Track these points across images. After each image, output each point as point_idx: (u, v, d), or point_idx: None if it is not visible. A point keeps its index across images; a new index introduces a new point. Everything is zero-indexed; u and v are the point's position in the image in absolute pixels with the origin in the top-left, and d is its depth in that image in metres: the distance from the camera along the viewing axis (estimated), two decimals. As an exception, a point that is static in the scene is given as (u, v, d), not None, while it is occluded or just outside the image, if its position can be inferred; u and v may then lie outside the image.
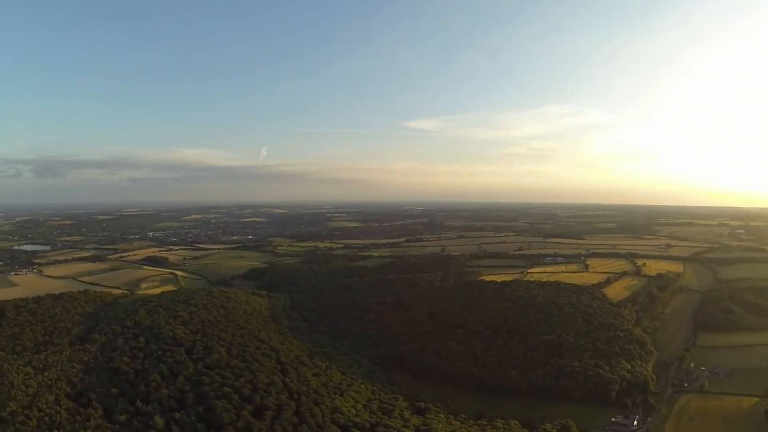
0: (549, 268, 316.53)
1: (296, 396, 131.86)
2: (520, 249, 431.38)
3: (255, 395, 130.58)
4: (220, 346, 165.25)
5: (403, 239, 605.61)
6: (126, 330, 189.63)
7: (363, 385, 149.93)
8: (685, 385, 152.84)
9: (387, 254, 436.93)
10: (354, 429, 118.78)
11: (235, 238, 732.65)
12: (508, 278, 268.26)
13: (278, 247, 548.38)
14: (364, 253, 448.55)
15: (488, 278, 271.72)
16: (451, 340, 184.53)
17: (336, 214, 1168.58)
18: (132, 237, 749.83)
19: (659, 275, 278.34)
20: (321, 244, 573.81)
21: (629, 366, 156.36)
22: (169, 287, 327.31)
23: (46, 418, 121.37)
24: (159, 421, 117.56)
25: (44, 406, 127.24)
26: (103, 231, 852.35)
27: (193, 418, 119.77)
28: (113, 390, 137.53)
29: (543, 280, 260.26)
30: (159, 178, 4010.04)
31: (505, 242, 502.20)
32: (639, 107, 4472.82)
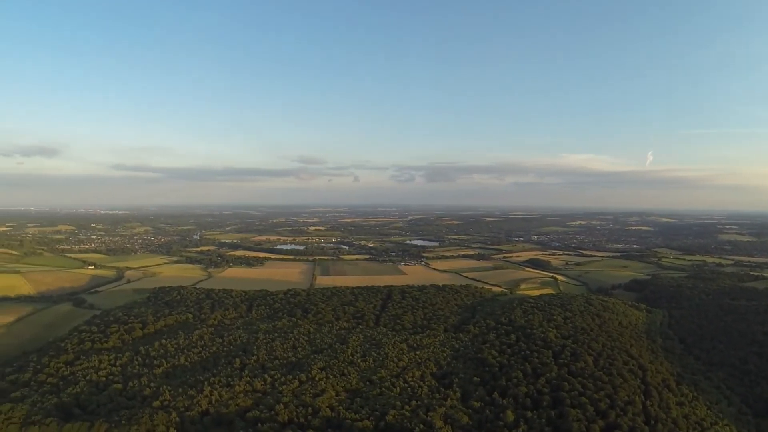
0: None
1: (652, 422, 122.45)
2: None
3: (610, 411, 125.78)
4: (588, 355, 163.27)
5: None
6: (499, 326, 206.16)
7: (728, 428, 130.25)
8: None
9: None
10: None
11: (619, 246, 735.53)
12: None
13: (663, 259, 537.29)
14: (756, 273, 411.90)
15: None
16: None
17: (727, 226, 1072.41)
18: (516, 239, 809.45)
19: None
20: (709, 259, 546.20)
21: None
22: (548, 290, 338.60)
23: (408, 389, 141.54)
24: (510, 415, 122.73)
25: (410, 378, 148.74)
26: (489, 232, 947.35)
27: (543, 420, 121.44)
28: (475, 378, 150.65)
29: None
30: (545, 183, 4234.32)
31: None
32: None
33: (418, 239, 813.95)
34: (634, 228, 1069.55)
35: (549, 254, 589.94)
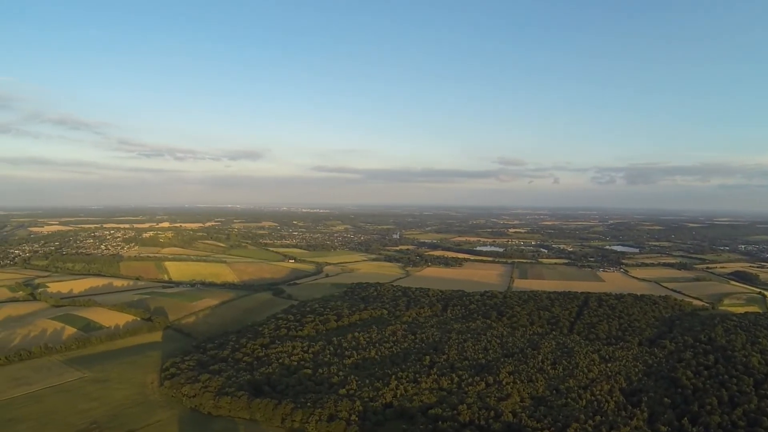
0: None
1: None
2: None
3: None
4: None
5: None
6: (697, 344, 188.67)
7: None
8: None
9: None
10: None
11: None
12: None
13: None
14: None
15: None
16: None
17: None
18: (721, 248, 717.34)
19: None
20: None
21: None
22: (754, 308, 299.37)
23: (594, 402, 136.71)
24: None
25: (597, 392, 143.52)
26: (692, 239, 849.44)
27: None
28: (665, 399, 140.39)
29: None
30: (754, 186, 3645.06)
31: None
32: None
33: (617, 244, 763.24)
34: None
35: (757, 267, 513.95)
